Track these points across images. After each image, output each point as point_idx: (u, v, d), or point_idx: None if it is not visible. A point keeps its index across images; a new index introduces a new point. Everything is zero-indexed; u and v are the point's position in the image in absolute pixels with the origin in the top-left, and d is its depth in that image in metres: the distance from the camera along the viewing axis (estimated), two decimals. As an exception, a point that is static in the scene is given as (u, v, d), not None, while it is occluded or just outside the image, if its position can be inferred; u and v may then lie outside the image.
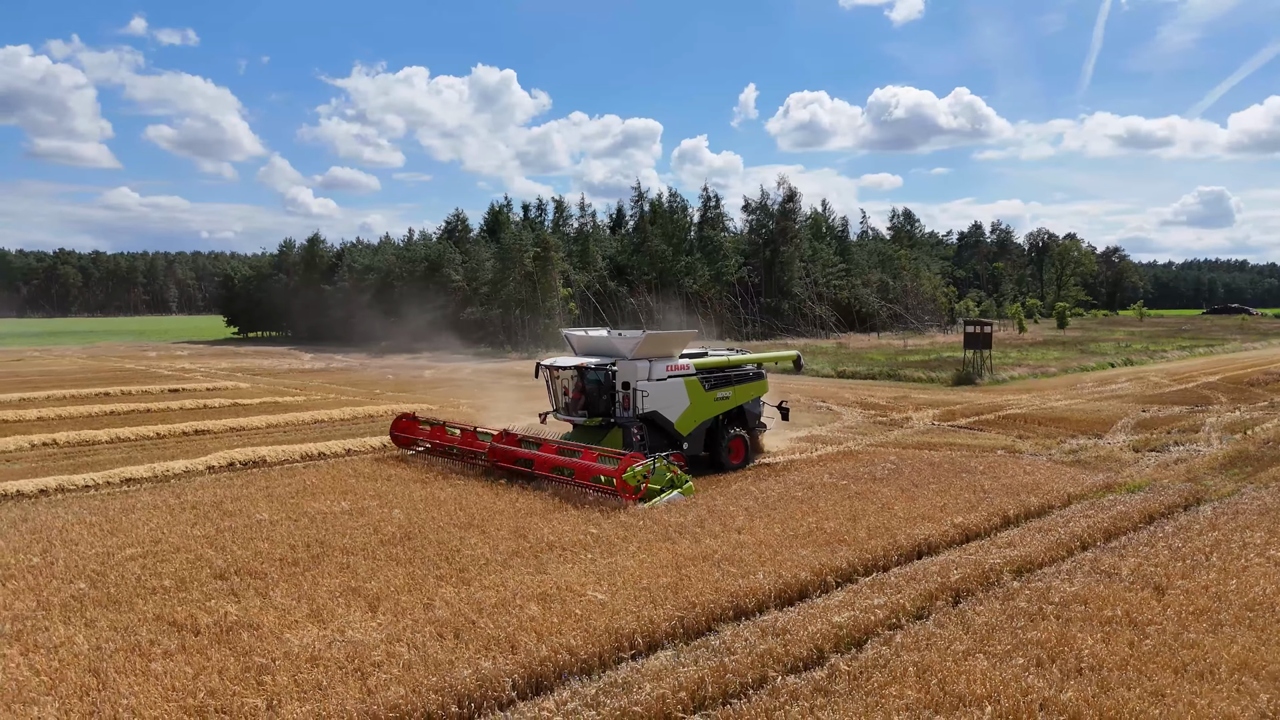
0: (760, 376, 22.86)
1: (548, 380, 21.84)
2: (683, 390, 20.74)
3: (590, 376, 20.62)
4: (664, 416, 20.35)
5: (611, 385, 20.40)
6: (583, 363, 20.61)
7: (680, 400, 20.67)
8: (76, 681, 8.96)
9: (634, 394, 19.98)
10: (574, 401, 21.16)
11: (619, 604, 11.05)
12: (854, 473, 19.54)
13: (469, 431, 21.40)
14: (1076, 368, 49.15)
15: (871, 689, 8.59)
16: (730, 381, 21.88)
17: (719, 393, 21.49)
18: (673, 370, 20.69)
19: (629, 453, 17.39)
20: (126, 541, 14.06)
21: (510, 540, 14.14)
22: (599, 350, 21.53)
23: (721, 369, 22.05)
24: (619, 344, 20.82)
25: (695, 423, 21.00)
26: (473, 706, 8.72)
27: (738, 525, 14.88)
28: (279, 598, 11.47)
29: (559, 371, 21.28)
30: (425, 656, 9.48)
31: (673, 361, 20.89)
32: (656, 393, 20.14)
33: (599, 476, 17.26)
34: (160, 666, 9.28)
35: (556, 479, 18.20)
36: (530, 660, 9.42)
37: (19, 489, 19.32)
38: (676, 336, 21.98)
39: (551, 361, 21.68)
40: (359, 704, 8.41)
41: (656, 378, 20.29)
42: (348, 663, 9.38)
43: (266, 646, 9.82)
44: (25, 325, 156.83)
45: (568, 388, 21.26)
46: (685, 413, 20.78)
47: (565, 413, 21.54)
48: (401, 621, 10.60)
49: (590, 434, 20.89)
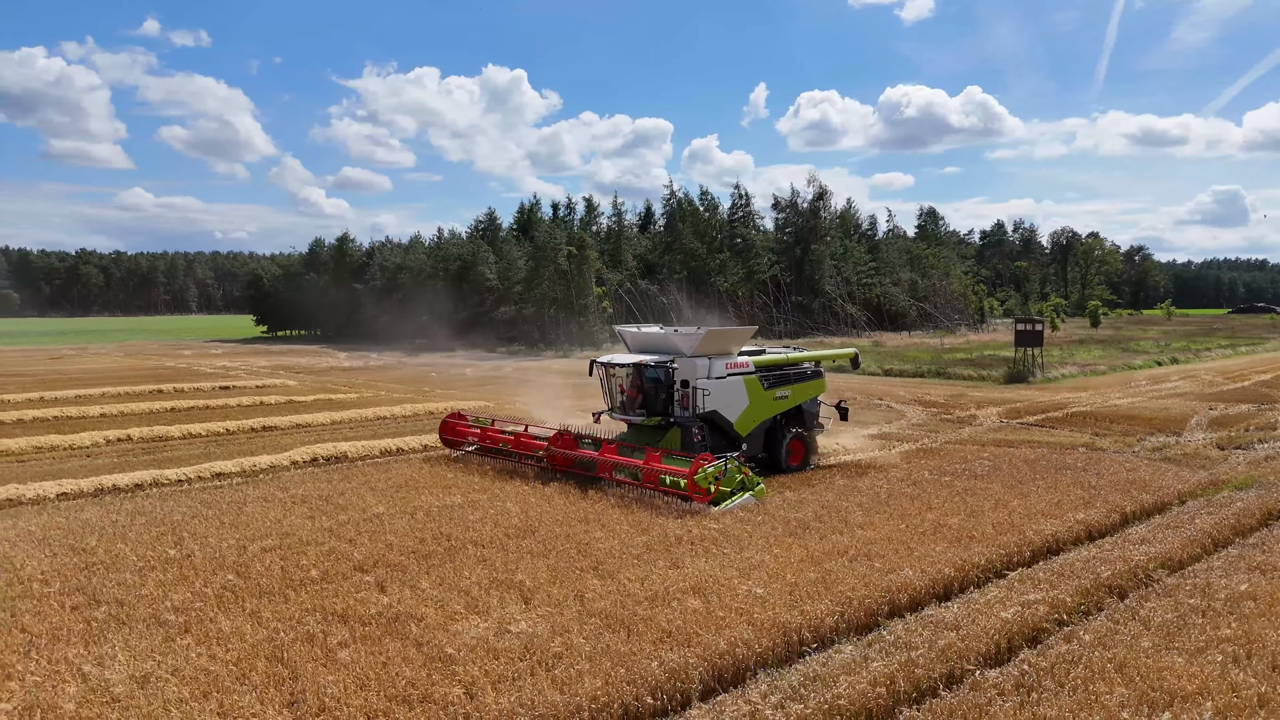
0: (818, 375, 22.18)
1: (602, 378, 21.09)
2: (742, 389, 20.08)
3: (649, 374, 19.95)
4: (723, 416, 19.70)
5: (670, 383, 19.64)
6: (641, 360, 19.86)
7: (740, 399, 20.02)
8: (266, 671, 8.93)
9: (694, 392, 19.27)
10: (631, 400, 20.47)
11: (775, 598, 10.97)
12: (951, 469, 19.40)
13: (522, 431, 20.85)
14: (1124, 366, 48.75)
15: (1076, 685, 8.47)
16: (789, 380, 21.19)
17: (778, 391, 20.81)
18: (732, 368, 20.04)
19: (698, 453, 16.70)
20: (254, 534, 14.07)
21: (634, 534, 14.08)
22: (655, 347, 20.74)
23: (780, 367, 21.34)
24: (677, 340, 20.02)
25: (754, 423, 20.33)
26: (664, 698, 8.65)
27: (857, 521, 14.77)
28: (429, 589, 11.43)
29: (615, 369, 20.55)
30: (605, 648, 9.42)
31: (732, 359, 20.23)
32: (716, 391, 19.49)
33: (667, 478, 16.53)
34: (346, 656, 9.25)
35: (620, 481, 17.37)
36: (709, 653, 9.34)
37: (114, 483, 19.40)
38: (736, 333, 21.44)
39: (608, 359, 20.87)
40: (556, 695, 8.34)
41: (716, 375, 19.63)
42: (527, 654, 9.33)
43: (439, 638, 9.78)
44: (51, 325, 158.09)
45: (624, 386, 20.58)
46: (745, 412, 20.13)
47: (621, 411, 20.76)
48: (562, 614, 10.55)
49: (647, 434, 20.10)
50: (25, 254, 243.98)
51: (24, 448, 24.45)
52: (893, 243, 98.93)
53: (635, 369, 20.04)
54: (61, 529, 14.52)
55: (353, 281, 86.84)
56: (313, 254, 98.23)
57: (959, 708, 8.11)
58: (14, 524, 15.06)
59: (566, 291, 69.07)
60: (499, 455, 20.98)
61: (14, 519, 15.58)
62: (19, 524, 15.03)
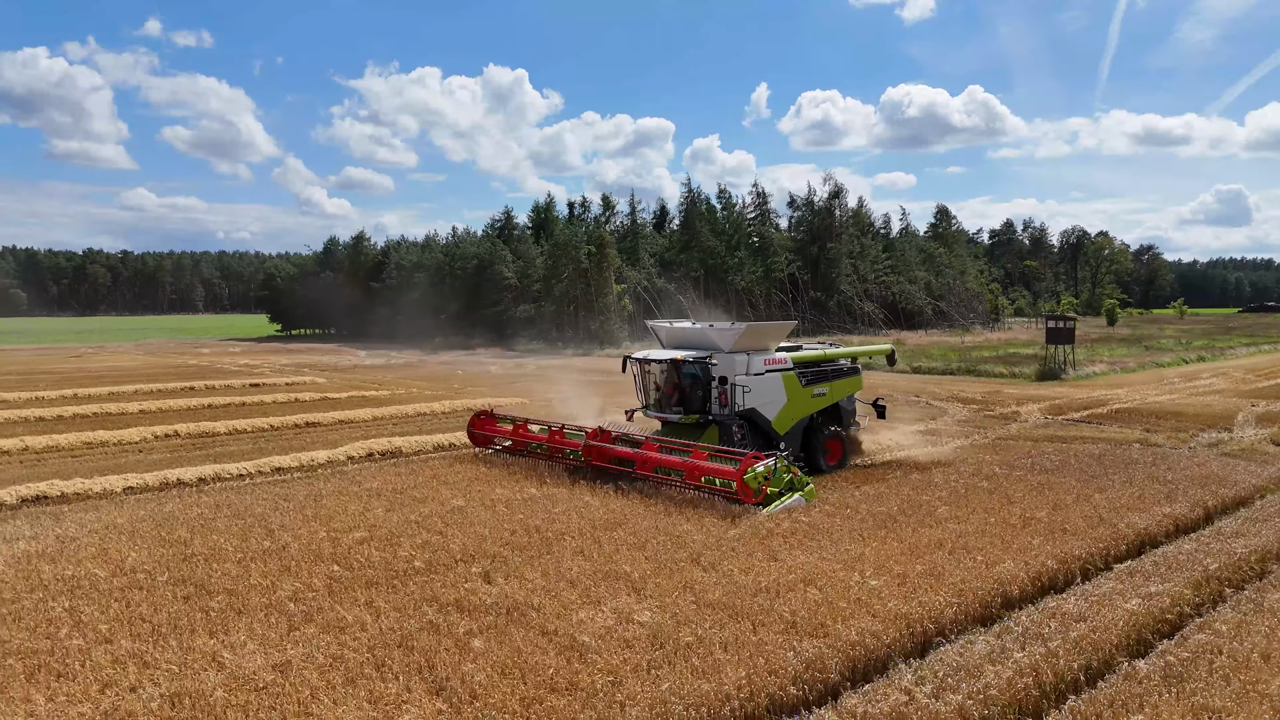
0: (855, 371, 21.67)
1: (637, 375, 20.33)
2: (780, 386, 19.50)
3: (687, 370, 19.32)
4: (761, 414, 19.08)
5: (709, 380, 18.98)
6: (679, 356, 19.18)
7: (778, 396, 19.44)
8: (403, 659, 8.88)
9: (733, 389, 18.67)
10: (667, 397, 19.79)
11: (888, 590, 10.90)
12: (1020, 464, 19.34)
13: (555, 429, 19.93)
14: (1152, 363, 48.63)
15: (1227, 675, 8.41)
16: (827, 377, 20.64)
17: (816, 389, 20.24)
18: (770, 364, 19.42)
19: (747, 452, 15.84)
20: (342, 527, 14.03)
21: (723, 527, 14.03)
22: (690, 343, 20.08)
23: (818, 363, 20.75)
24: (715, 336, 19.39)
25: (792, 421, 19.73)
26: (804, 688, 8.59)
27: (943, 515, 14.71)
28: (536, 580, 11.38)
29: (650, 365, 19.87)
30: (734, 639, 9.37)
31: (770, 355, 19.65)
32: (756, 388, 18.91)
33: (714, 478, 15.70)
34: (480, 645, 9.20)
35: (662, 480, 16.65)
36: (841, 643, 9.28)
37: (179, 477, 19.40)
38: (774, 328, 20.75)
39: (643, 354, 20.18)
40: (704, 684, 8.28)
41: (755, 372, 19.05)
42: (658, 644, 9.27)
43: (563, 627, 9.73)
44: (61, 324, 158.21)
45: (659, 382, 19.90)
46: (783, 410, 19.54)
47: (657, 409, 20.07)
48: (677, 604, 10.49)
49: (683, 432, 19.36)
50: (33, 253, 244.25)
51: (74, 443, 24.47)
52: (909, 241, 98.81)
53: (672, 365, 19.41)
54: (148, 521, 14.48)
55: (369, 280, 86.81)
56: (327, 253, 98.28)
57: (1118, 697, 8.05)
58: (96, 516, 15.03)
59: (586, 290, 69.03)
60: (531, 454, 20.17)
61: (93, 512, 15.56)
62: (101, 517, 15.00)
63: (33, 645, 9.23)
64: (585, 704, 7.98)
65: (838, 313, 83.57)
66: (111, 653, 9.06)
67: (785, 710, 8.30)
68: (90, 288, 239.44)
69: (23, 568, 11.86)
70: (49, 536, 13.54)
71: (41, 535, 13.65)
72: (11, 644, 9.28)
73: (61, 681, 8.42)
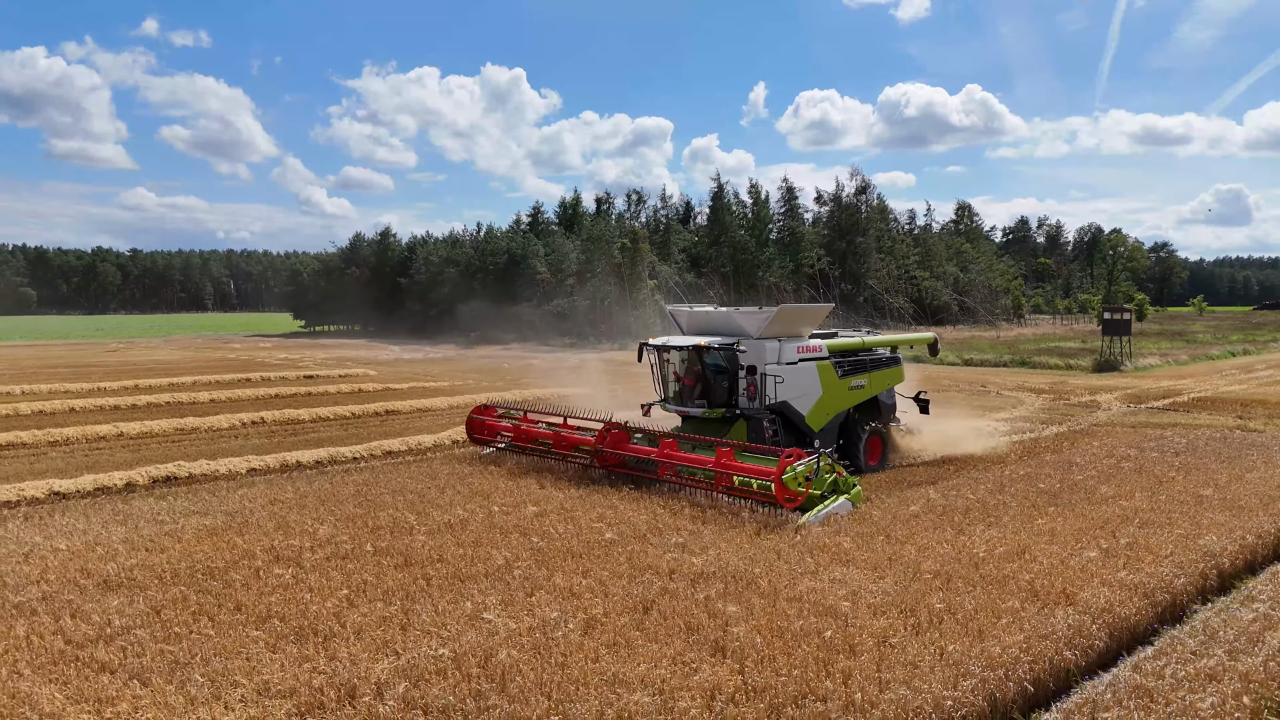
0: (896, 362, 19.61)
1: (654, 364, 18.22)
2: (815, 376, 17.53)
3: (710, 359, 17.33)
4: (794, 408, 17.12)
5: (736, 369, 16.97)
6: (703, 342, 17.03)
7: (813, 388, 17.47)
8: (664, 624, 8.76)
9: (763, 380, 16.71)
10: (688, 389, 17.79)
11: (1103, 562, 10.79)
12: (1146, 446, 19.26)
13: (563, 424, 17.62)
14: (1203, 356, 48.55)
15: None
16: (865, 368, 18.63)
17: (853, 380, 18.29)
18: (804, 352, 17.45)
19: (786, 449, 13.69)
20: (509, 502, 13.94)
21: (897, 505, 13.95)
22: (714, 328, 17.96)
23: (855, 352, 18.80)
24: (742, 320, 17.34)
25: (828, 416, 17.76)
26: (1078, 654, 8.44)
27: (1107, 493, 14.59)
28: (746, 547, 11.27)
29: (669, 353, 17.85)
30: (987, 605, 9.24)
31: (804, 342, 17.58)
32: (789, 379, 16.94)
33: (750, 480, 13.56)
34: (734, 609, 9.08)
35: (684, 483, 14.60)
36: (1093, 610, 9.13)
37: (297, 460, 19.38)
38: (809, 312, 18.72)
39: (662, 341, 17.94)
40: (993, 645, 8.15)
41: (787, 361, 17.08)
42: (908, 610, 9.15)
43: (799, 593, 9.60)
44: (75, 322, 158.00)
45: (679, 372, 17.93)
46: (818, 403, 17.55)
47: (677, 402, 17.98)
48: (894, 575, 10.38)
49: (706, 428, 17.30)
50: (42, 251, 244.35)
51: (168, 429, 24.38)
52: (936, 236, 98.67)
53: (694, 353, 17.39)
54: (311, 498, 14.39)
55: (396, 277, 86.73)
56: (353, 249, 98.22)
57: None
58: (248, 494, 14.92)
59: (620, 284, 68.94)
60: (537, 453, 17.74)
61: (243, 489, 15.47)
62: (253, 494, 14.88)
63: (281, 611, 9.11)
64: (879, 664, 7.85)
65: (866, 308, 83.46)
66: (367, 615, 8.96)
67: (1061, 675, 8.19)
68: (99, 286, 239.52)
69: (215, 541, 11.75)
70: (216, 512, 13.44)
71: (207, 511, 13.54)
72: (256, 610, 9.16)
73: (339, 643, 8.31)
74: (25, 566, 10.60)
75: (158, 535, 11.98)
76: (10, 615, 8.97)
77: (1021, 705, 7.69)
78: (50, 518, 13.23)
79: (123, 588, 9.84)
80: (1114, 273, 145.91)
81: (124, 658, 7.90)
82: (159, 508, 13.72)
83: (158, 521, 12.76)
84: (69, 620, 8.81)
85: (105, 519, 12.99)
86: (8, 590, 9.72)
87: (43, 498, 15.56)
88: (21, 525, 12.68)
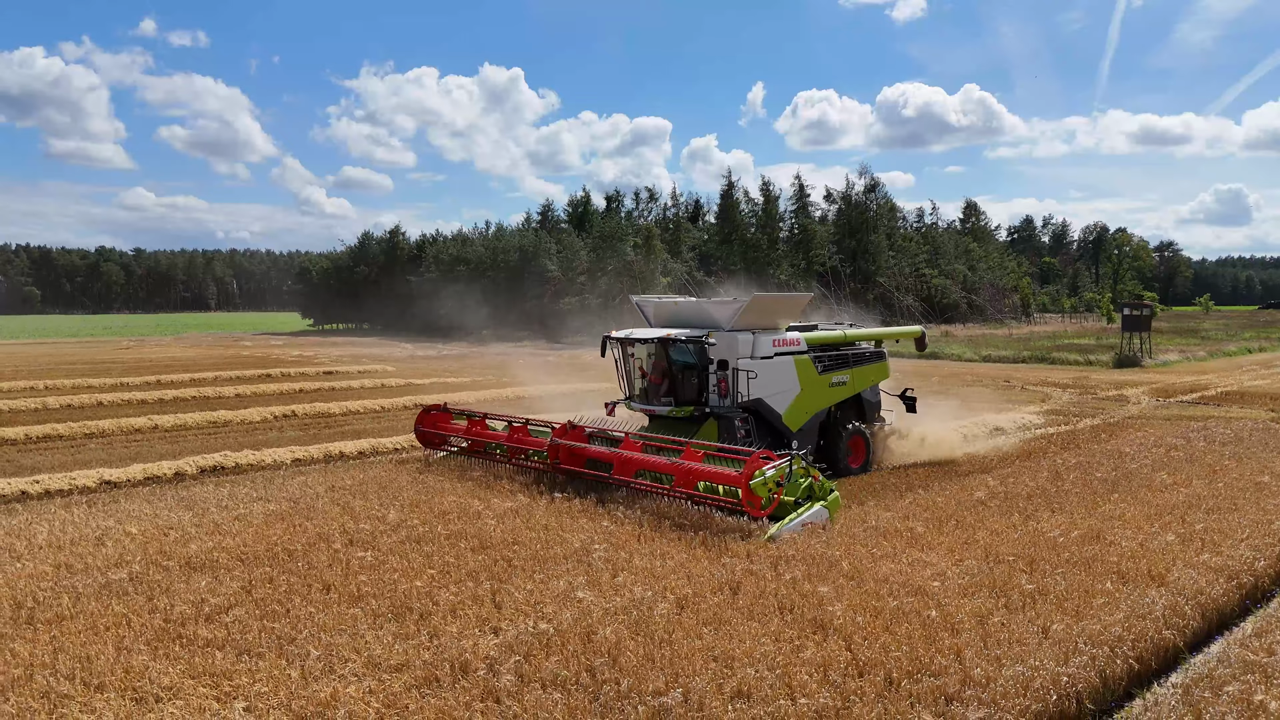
0: (880, 357, 18.42)
1: (618, 358, 16.86)
2: (792, 372, 16.24)
3: (677, 353, 16.03)
4: (769, 406, 15.82)
5: (705, 364, 15.66)
6: (668, 334, 15.78)
7: (790, 385, 16.19)
8: (763, 604, 8.75)
9: (735, 375, 15.40)
10: (654, 386, 16.42)
11: (1181, 545, 10.79)
12: (1188, 436, 19.26)
13: (518, 425, 16.01)
14: (1220, 352, 48.52)
15: None
16: (847, 363, 17.43)
17: (834, 376, 17.04)
18: (781, 346, 16.13)
19: (754, 450, 12.36)
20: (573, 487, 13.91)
21: (959, 493, 13.94)
22: (684, 320, 16.77)
23: (836, 346, 17.58)
24: (713, 311, 16.25)
25: (807, 415, 16.51)
26: (1174, 633, 8.42)
27: (1165, 481, 14.60)
28: (834, 533, 11.27)
29: (634, 346, 16.59)
30: (1079, 587, 9.24)
31: (780, 335, 16.30)
32: (763, 374, 15.63)
33: (716, 485, 12.26)
34: (826, 589, 9.07)
35: (646, 486, 13.06)
36: (1185, 591, 9.13)
37: (340, 450, 19.42)
38: (786, 302, 17.39)
39: (625, 334, 16.67)
40: (1089, 624, 8.14)
41: (762, 355, 15.77)
42: (999, 590, 9.14)
43: (883, 574, 9.59)
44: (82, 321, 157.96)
45: (645, 368, 16.60)
46: (795, 401, 16.25)
47: (642, 400, 16.62)
48: (971, 558, 10.38)
49: (675, 428, 15.90)
50: (46, 251, 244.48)
51: (201, 422, 24.37)
52: (945, 235, 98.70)
53: (660, 346, 16.08)
54: (371, 485, 14.37)
55: (406, 275, 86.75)
56: (362, 248, 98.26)
57: None
58: (305, 480, 14.92)
59: (632, 282, 68.88)
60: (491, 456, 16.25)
61: (299, 477, 15.45)
62: (309, 481, 14.85)
63: (372, 590, 9.09)
64: (984, 641, 7.83)
65: (877, 306, 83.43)
66: (458, 595, 8.94)
67: (1162, 653, 8.18)
68: (103, 286, 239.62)
69: (284, 525, 11.73)
70: (278, 499, 13.42)
71: (269, 498, 13.52)
72: (345, 590, 9.13)
73: (437, 620, 8.30)
74: (103, 549, 10.59)
75: (226, 520, 11.97)
76: (103, 595, 8.95)
77: (1128, 682, 7.69)
78: (114, 503, 13.23)
79: (205, 569, 9.83)
80: (1119, 272, 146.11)
81: (229, 634, 7.89)
82: (220, 494, 13.72)
83: (223, 507, 12.75)
84: (163, 599, 8.79)
85: (169, 504, 12.99)
86: (93, 572, 9.71)
87: (94, 486, 15.58)
88: (87, 511, 12.68)
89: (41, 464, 17.85)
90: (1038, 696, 6.88)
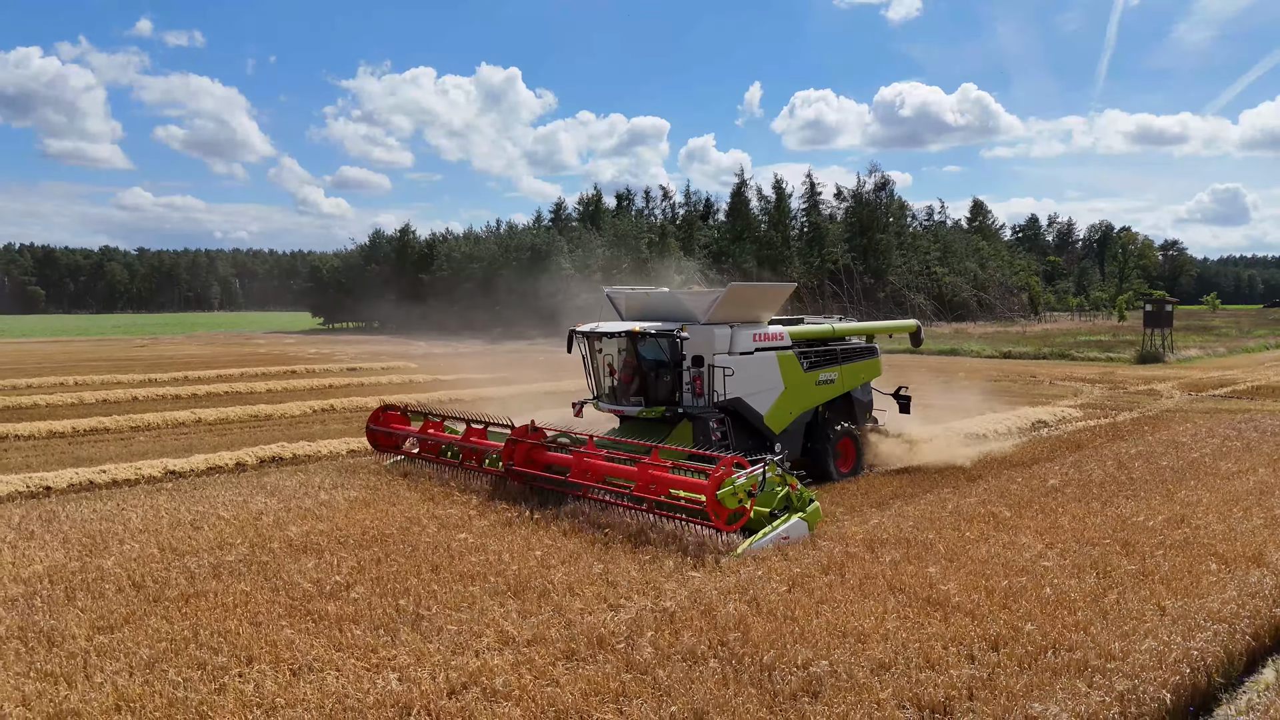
0: (872, 353, 17.18)
1: (585, 354, 15.56)
2: (775, 369, 14.99)
3: (647, 348, 14.70)
4: (749, 405, 14.56)
5: (678, 360, 14.45)
6: (638, 328, 14.31)
7: (772, 383, 14.96)
8: (870, 583, 8.85)
9: (710, 372, 14.14)
10: (623, 385, 15.17)
11: (1269, 529, 10.90)
12: (1242, 428, 19.37)
13: (475, 427, 14.84)
14: (1239, 349, 48.70)
15: None
16: (835, 359, 16.18)
17: (821, 374, 15.80)
18: (762, 340, 14.85)
19: (723, 455, 10.90)
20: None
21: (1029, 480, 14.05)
22: (657, 312, 15.36)
23: (824, 341, 16.33)
24: (688, 302, 15.01)
25: (791, 415, 15.26)
26: (1279, 611, 8.53)
27: (1227, 470, 14.71)
28: (920, 514, 11.37)
29: (601, 341, 15.22)
30: (1183, 567, 9.35)
31: (761, 329, 14.98)
32: (741, 371, 14.35)
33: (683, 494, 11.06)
34: (934, 570, 9.16)
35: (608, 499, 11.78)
36: None
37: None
38: (767, 293, 16.17)
39: (591, 327, 15.24)
40: (1211, 601, 8.24)
41: (741, 350, 14.48)
42: (1102, 571, 9.24)
43: (980, 555, 9.69)
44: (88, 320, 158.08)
45: (614, 364, 15.33)
46: (778, 401, 15.01)
47: (611, 400, 15.39)
48: (1063, 540, 10.48)
49: (646, 430, 14.68)
50: (50, 251, 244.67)
51: (243, 416, 24.45)
52: (955, 233, 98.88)
53: (629, 340, 14.67)
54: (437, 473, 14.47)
55: (417, 273, 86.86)
56: (373, 247, 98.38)
57: None
58: (377, 468, 15.01)
59: (646, 279, 69.07)
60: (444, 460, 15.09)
61: (363, 467, 15.55)
62: (381, 468, 14.95)
63: (483, 570, 9.19)
64: (1105, 617, 7.93)
65: (888, 304, 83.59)
66: (569, 574, 9.04)
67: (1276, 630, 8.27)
68: (107, 285, 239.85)
69: (371, 511, 11.84)
70: (355, 486, 13.54)
71: (346, 485, 13.63)
72: (456, 569, 9.23)
73: (557, 598, 8.40)
74: (201, 534, 10.68)
75: (314, 506, 12.08)
76: (220, 576, 9.05)
77: (1248, 657, 7.79)
78: (196, 490, 13.34)
79: (310, 551, 9.93)
80: (1125, 270, 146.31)
81: (358, 610, 7.98)
82: (296, 481, 13.82)
83: (306, 494, 12.86)
84: (279, 579, 8.89)
85: (250, 491, 13.09)
86: (201, 554, 9.81)
87: (160, 475, 15.66)
88: (169, 498, 12.77)
89: (98, 455, 17.95)
90: (1173, 669, 6.97)
